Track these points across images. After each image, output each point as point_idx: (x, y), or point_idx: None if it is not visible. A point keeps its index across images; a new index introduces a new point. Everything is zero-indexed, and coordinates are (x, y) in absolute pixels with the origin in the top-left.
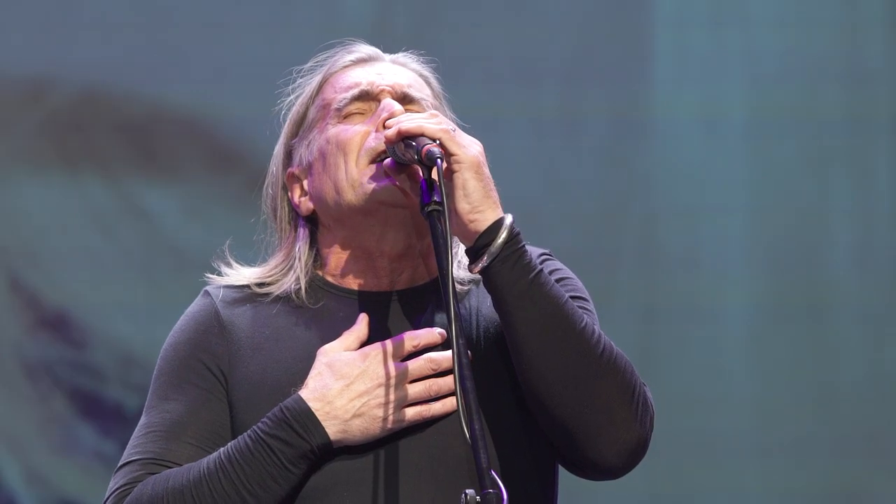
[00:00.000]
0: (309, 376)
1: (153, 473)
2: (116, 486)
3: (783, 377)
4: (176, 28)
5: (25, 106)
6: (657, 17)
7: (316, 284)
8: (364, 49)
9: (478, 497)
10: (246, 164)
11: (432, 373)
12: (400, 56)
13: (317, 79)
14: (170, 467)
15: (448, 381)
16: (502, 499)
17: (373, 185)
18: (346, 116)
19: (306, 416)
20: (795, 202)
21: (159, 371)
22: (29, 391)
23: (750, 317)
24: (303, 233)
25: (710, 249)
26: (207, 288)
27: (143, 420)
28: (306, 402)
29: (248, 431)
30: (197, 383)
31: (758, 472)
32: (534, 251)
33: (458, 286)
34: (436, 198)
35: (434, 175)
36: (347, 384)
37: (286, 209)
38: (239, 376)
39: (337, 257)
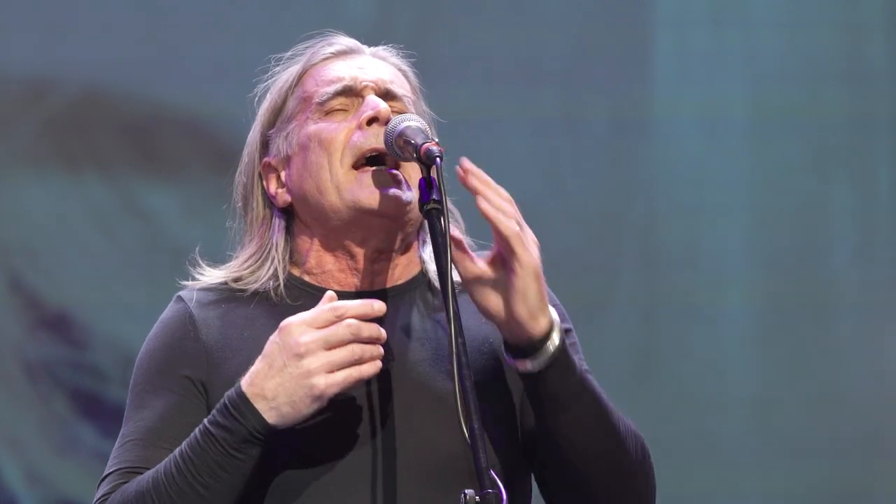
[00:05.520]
0: None
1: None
2: (94, 500)
3: (783, 377)
4: (176, 28)
5: (26, 106)
6: (657, 17)
7: (293, 283)
8: (344, 41)
9: (477, 497)
10: None
11: (353, 337)
12: (380, 49)
13: (296, 69)
14: None
15: (371, 348)
16: (502, 499)
17: (358, 194)
18: (328, 112)
19: (240, 399)
20: (796, 202)
21: (134, 381)
22: (29, 391)
23: (750, 317)
24: (279, 224)
25: (710, 249)
26: (180, 293)
27: (121, 431)
28: (241, 386)
29: (199, 425)
30: (171, 388)
31: (758, 472)
32: None
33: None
34: (435, 196)
35: (433, 174)
36: (269, 363)
37: (260, 199)
38: (217, 378)
39: (316, 255)
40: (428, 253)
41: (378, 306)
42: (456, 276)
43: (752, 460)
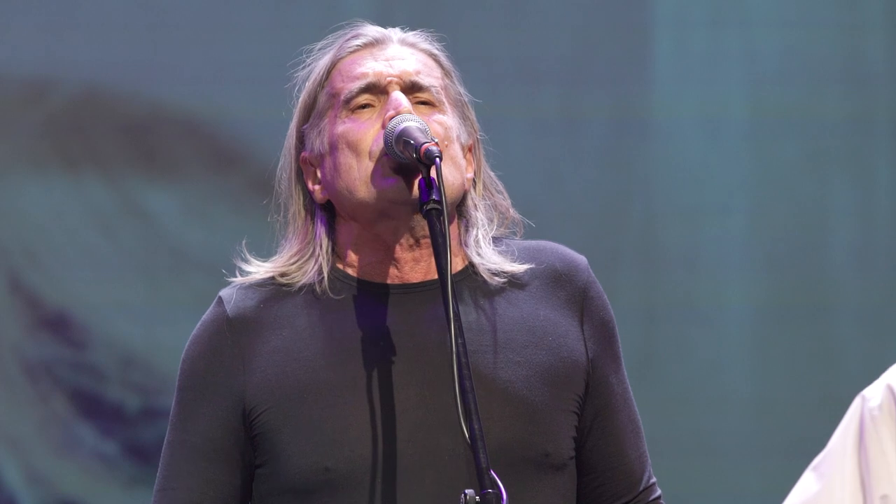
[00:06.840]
0: None
1: None
2: None
3: (783, 377)
4: (176, 28)
5: (26, 106)
6: (657, 17)
7: (335, 276)
8: (371, 32)
9: (477, 497)
10: (246, 165)
11: None
12: (409, 35)
13: (325, 62)
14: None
15: None
16: (502, 499)
17: (381, 183)
18: (355, 110)
19: None
20: (795, 202)
21: (179, 385)
22: (29, 391)
23: (750, 317)
24: (321, 218)
25: (710, 249)
26: (221, 293)
27: (169, 435)
28: None
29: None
30: (212, 400)
31: (758, 472)
32: (580, 274)
33: (490, 276)
34: (434, 196)
35: (433, 174)
36: None
37: (301, 194)
38: (258, 380)
39: (355, 248)
40: (472, 241)
41: None
42: (493, 261)
43: (751, 460)
